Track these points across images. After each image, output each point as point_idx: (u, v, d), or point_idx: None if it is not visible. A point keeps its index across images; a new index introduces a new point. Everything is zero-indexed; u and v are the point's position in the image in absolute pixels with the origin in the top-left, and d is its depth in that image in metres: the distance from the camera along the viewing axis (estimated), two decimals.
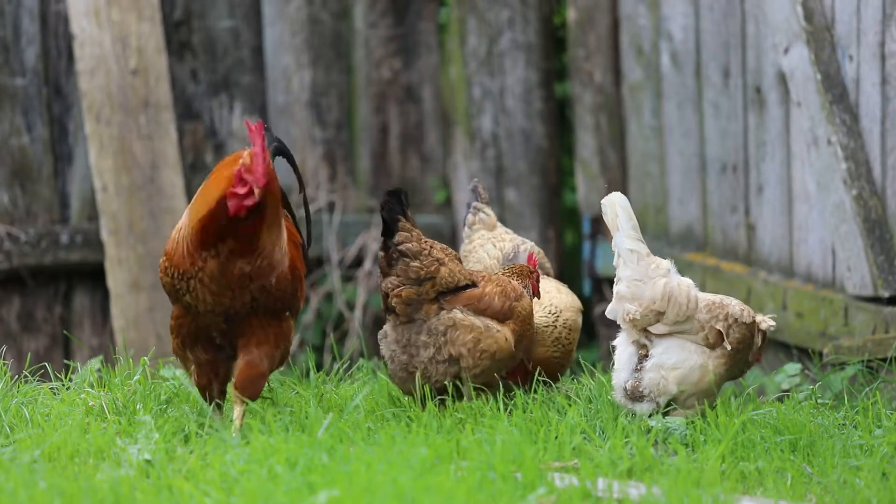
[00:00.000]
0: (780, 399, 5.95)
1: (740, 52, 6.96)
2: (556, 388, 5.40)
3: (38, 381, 5.35)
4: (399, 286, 5.06)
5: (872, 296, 6.21)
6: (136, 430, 4.81)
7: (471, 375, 5.10)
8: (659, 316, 5.13)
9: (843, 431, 4.98)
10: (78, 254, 7.39)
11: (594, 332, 7.97)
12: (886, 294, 6.16)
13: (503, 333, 5.13)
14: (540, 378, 5.32)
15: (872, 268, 6.17)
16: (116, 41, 7.36)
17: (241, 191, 4.75)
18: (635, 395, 5.15)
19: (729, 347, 5.12)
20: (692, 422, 4.99)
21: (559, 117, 8.06)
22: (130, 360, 5.42)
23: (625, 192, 7.73)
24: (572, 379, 5.75)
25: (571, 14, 7.81)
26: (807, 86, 6.37)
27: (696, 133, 7.26)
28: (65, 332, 7.43)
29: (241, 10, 7.71)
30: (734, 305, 5.17)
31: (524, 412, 5.00)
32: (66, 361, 7.10)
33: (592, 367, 5.68)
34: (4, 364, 5.31)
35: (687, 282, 5.19)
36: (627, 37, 7.64)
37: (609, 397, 5.27)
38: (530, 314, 5.25)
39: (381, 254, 5.10)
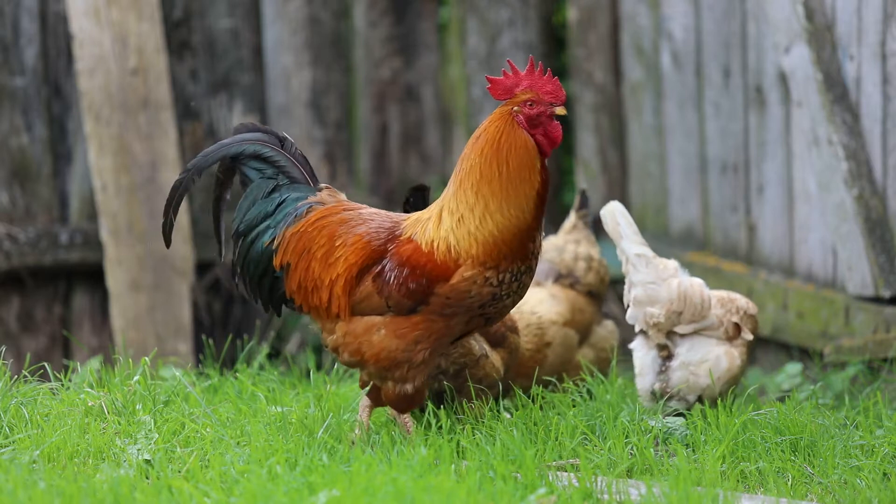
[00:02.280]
0: (781, 399, 5.96)
1: (741, 52, 6.95)
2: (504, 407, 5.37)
3: (37, 381, 5.34)
4: None
5: (873, 296, 6.20)
6: (135, 431, 4.80)
7: (459, 391, 5.13)
8: (678, 316, 5.18)
9: (844, 432, 4.98)
10: (77, 254, 7.39)
11: None
12: (887, 294, 6.16)
13: (493, 362, 5.16)
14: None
15: (873, 268, 6.17)
16: (116, 41, 7.35)
17: (548, 127, 4.53)
18: (664, 397, 5.19)
19: (751, 337, 5.21)
20: (693, 422, 4.99)
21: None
22: (130, 360, 5.41)
23: (625, 192, 7.79)
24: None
25: (572, 13, 7.81)
26: (808, 85, 6.37)
27: (697, 133, 7.26)
28: (64, 332, 7.43)
29: (241, 10, 7.70)
30: (740, 299, 5.28)
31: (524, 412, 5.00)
32: (65, 361, 7.09)
33: (591, 366, 5.67)
34: (4, 364, 5.30)
35: (698, 281, 5.25)
36: (628, 36, 7.64)
37: (608, 397, 5.27)
38: (518, 347, 5.28)
39: None
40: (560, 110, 4.57)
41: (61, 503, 4.08)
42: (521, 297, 4.67)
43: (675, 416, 5.12)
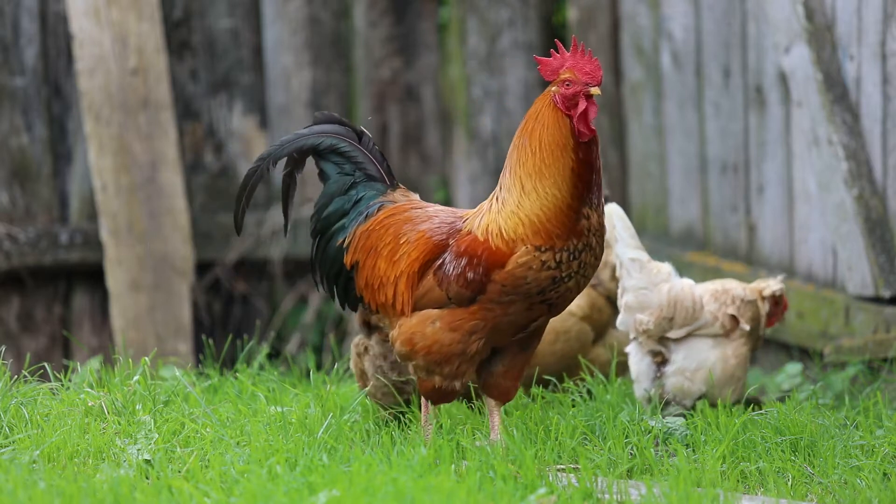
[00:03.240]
0: (781, 399, 5.95)
1: (741, 52, 6.95)
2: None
3: (37, 381, 5.34)
4: None
5: (873, 296, 6.20)
6: (135, 431, 4.80)
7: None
8: (669, 322, 5.16)
9: (844, 432, 4.98)
10: (77, 254, 7.39)
11: None
12: (887, 294, 6.16)
13: None
14: None
15: (873, 268, 6.16)
16: (116, 41, 7.35)
17: (581, 107, 4.48)
18: (661, 403, 5.18)
19: (748, 328, 5.18)
20: (693, 422, 4.99)
21: None
22: (130, 360, 5.41)
23: (625, 192, 7.78)
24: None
25: (572, 13, 7.81)
26: (808, 85, 6.37)
27: (697, 133, 7.25)
28: (64, 332, 7.43)
29: (241, 10, 7.70)
30: (736, 287, 5.24)
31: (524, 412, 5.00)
32: (65, 361, 7.09)
33: (591, 366, 5.67)
34: (4, 364, 5.30)
35: (688, 282, 5.22)
36: (628, 36, 7.64)
37: (608, 397, 5.27)
38: None
39: None
40: (595, 90, 4.53)
41: (61, 503, 4.08)
42: (586, 280, 4.59)
43: (675, 416, 5.12)
